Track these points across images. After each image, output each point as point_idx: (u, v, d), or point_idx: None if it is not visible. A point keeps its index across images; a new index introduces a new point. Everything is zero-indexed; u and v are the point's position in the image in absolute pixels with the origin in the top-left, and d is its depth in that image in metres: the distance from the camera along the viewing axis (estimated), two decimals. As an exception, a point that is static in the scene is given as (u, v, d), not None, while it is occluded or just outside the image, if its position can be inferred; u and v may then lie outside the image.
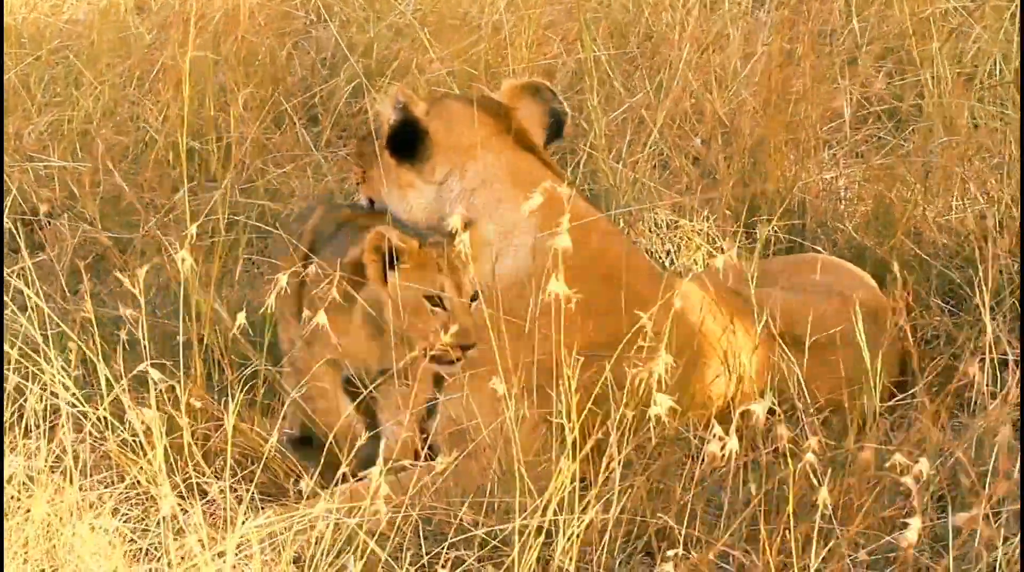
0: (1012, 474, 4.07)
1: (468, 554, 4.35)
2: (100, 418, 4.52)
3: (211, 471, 4.57)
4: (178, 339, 4.77)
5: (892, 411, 4.88)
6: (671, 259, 5.92)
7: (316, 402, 4.81)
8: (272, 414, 4.84)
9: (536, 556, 4.18)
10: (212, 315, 4.99)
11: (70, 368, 4.59)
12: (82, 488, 4.34)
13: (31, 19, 7.07)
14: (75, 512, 4.24)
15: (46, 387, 4.55)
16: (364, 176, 5.13)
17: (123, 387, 4.45)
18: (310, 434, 4.86)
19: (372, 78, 6.76)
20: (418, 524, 4.41)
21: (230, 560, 4.06)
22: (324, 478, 4.45)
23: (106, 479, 4.59)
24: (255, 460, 4.65)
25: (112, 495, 4.48)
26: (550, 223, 4.77)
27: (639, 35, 6.96)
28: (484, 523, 4.40)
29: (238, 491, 4.41)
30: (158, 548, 4.34)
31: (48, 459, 4.36)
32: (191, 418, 4.54)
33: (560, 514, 4.18)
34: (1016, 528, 4.18)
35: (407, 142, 4.93)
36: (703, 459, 4.26)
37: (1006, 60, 6.57)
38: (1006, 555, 4.14)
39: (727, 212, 5.99)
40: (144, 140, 6.46)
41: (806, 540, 4.08)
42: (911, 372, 5.00)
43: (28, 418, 4.52)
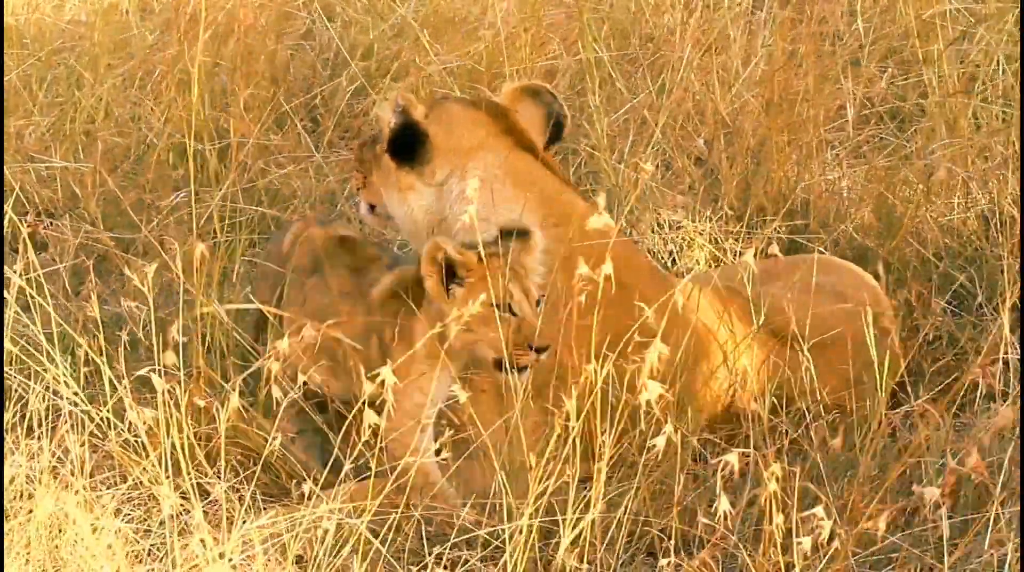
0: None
1: (470, 554, 4.35)
2: (102, 418, 4.52)
3: (213, 472, 4.57)
4: (180, 339, 4.77)
5: (896, 406, 4.88)
6: (673, 259, 5.91)
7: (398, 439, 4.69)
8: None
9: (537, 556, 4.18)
10: (214, 314, 4.99)
11: (75, 369, 4.59)
12: (84, 489, 4.34)
13: (33, 19, 7.07)
14: (77, 513, 4.23)
15: (48, 387, 4.55)
16: (365, 182, 5.13)
17: (126, 387, 4.45)
18: (322, 399, 4.77)
19: (373, 79, 6.76)
20: (419, 524, 4.41)
21: (233, 560, 4.06)
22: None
23: (108, 480, 4.58)
24: (256, 460, 4.64)
25: (114, 496, 4.48)
26: (549, 223, 4.80)
27: (641, 36, 6.95)
28: (487, 523, 4.41)
29: (240, 491, 4.41)
30: (160, 549, 4.34)
31: (50, 460, 4.35)
32: (193, 419, 4.54)
33: (561, 514, 4.18)
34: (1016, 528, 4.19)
35: (407, 145, 4.93)
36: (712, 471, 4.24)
37: (1008, 61, 6.56)
38: (1006, 555, 4.14)
39: (729, 212, 5.99)
40: (145, 142, 6.46)
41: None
42: (911, 372, 5.01)
43: (30, 418, 4.53)
